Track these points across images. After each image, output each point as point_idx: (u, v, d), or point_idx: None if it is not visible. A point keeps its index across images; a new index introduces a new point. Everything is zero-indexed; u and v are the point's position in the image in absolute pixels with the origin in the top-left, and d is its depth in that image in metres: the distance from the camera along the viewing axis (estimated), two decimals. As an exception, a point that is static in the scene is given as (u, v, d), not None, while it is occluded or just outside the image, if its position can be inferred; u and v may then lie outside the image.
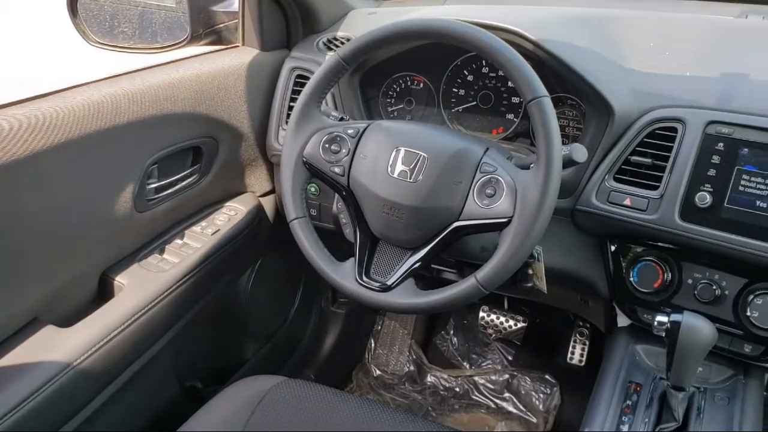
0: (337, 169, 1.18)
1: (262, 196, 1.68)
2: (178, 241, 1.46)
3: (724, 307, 1.17)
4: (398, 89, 1.53)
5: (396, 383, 2.21)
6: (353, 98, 1.47)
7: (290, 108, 1.51)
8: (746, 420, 1.11)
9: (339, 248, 1.25)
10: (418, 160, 1.10)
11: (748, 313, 1.14)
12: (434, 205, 1.09)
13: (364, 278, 1.14)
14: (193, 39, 1.53)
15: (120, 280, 1.33)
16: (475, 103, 1.46)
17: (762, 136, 1.09)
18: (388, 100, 1.54)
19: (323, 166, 1.19)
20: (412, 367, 2.24)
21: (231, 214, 1.55)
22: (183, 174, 1.44)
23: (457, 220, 1.09)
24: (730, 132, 1.11)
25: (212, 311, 1.58)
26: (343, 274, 1.16)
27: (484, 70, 1.43)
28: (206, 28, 1.56)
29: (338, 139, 1.18)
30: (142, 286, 1.32)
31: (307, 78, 1.20)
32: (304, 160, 1.20)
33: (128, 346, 1.27)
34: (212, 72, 1.43)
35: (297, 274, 2.00)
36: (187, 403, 1.56)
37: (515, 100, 1.41)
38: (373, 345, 2.30)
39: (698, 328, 0.99)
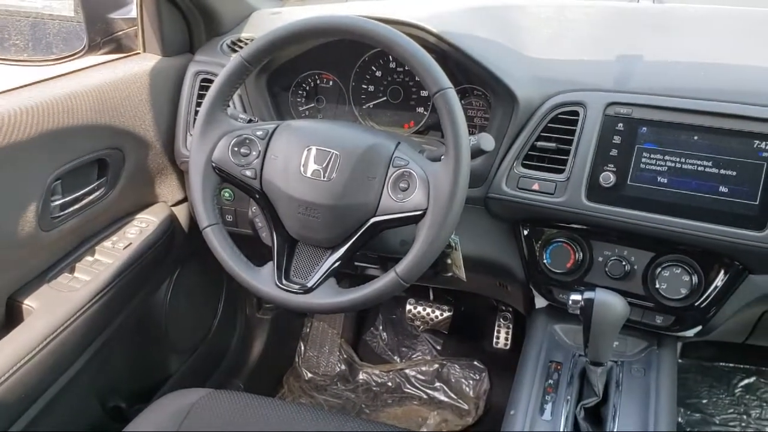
0: (248, 173, 1.16)
1: (174, 205, 1.63)
2: (89, 258, 1.40)
3: (634, 281, 1.22)
4: (307, 88, 1.52)
5: (328, 384, 2.20)
6: (261, 99, 1.44)
7: (197, 113, 1.47)
8: (662, 389, 1.16)
9: (260, 253, 1.24)
10: (330, 158, 1.10)
11: (657, 286, 1.19)
12: (350, 202, 1.09)
13: (284, 281, 1.13)
14: (92, 48, 1.48)
15: (29, 303, 1.26)
16: (385, 98, 1.46)
17: (659, 115, 1.14)
18: (298, 99, 1.53)
19: (233, 170, 1.16)
20: (343, 367, 2.23)
21: (143, 227, 1.50)
22: (89, 188, 1.38)
23: (374, 215, 1.09)
24: (628, 112, 1.16)
25: (131, 327, 1.53)
26: (262, 279, 1.14)
27: (392, 65, 1.44)
28: (104, 37, 1.51)
29: (247, 141, 1.16)
30: (53, 307, 1.26)
31: (213, 82, 1.17)
32: (214, 165, 1.18)
33: (43, 371, 1.21)
34: (113, 81, 1.38)
35: (218, 283, 1.96)
36: (112, 424, 1.51)
37: (424, 93, 1.43)
38: (302, 348, 2.28)
39: (610, 303, 1.02)
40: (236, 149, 1.16)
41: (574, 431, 1.08)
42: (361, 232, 1.10)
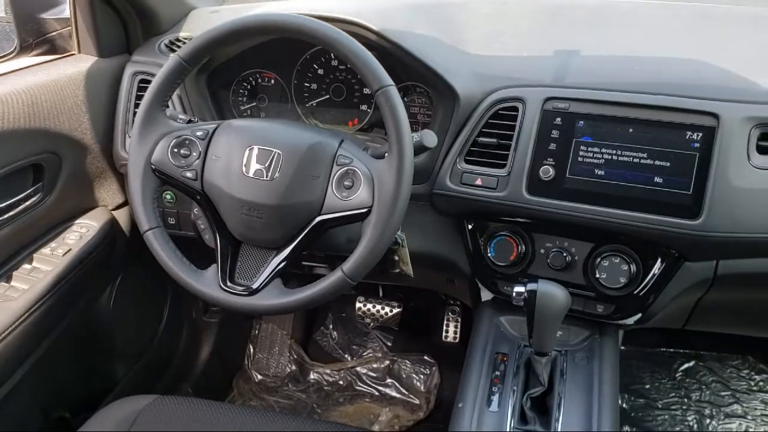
0: (188, 174, 1.14)
1: (115, 209, 1.59)
2: (27, 266, 1.36)
3: (575, 272, 1.24)
4: (249, 87, 1.50)
5: (279, 385, 2.19)
6: (201, 99, 1.42)
7: (135, 114, 1.44)
8: (605, 376, 1.19)
9: (204, 255, 1.22)
10: (273, 157, 1.09)
11: (597, 275, 1.21)
12: (294, 201, 1.08)
13: (228, 284, 1.12)
14: (23, 50, 1.44)
15: None
16: (328, 96, 1.46)
17: (595, 108, 1.17)
18: (239, 98, 1.51)
19: (173, 171, 1.14)
20: (294, 367, 2.22)
21: (83, 232, 1.46)
22: (24, 194, 1.34)
23: (319, 214, 1.09)
24: (566, 107, 1.18)
25: (73, 335, 1.49)
26: (206, 282, 1.13)
27: (334, 63, 1.43)
28: (37, 37, 1.46)
29: (187, 142, 1.15)
30: None
31: (151, 82, 1.15)
32: (153, 167, 1.15)
33: None
34: (46, 83, 1.34)
35: (162, 287, 1.92)
36: (57, 435, 1.47)
37: (367, 91, 1.43)
38: (252, 350, 2.26)
39: (553, 294, 1.04)
40: (176, 150, 1.15)
41: (520, 421, 1.10)
42: (306, 231, 1.10)
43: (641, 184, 1.12)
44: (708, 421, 1.91)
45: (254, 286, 1.10)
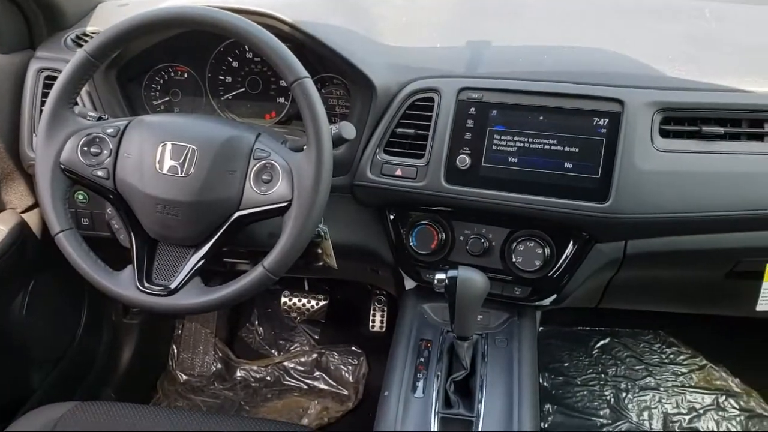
0: (100, 173, 1.11)
1: (24, 211, 1.52)
2: (-71, 274, 1.29)
3: (493, 257, 1.28)
4: (161, 81, 1.46)
5: (205, 385, 2.15)
6: (112, 95, 1.38)
7: (42, 112, 1.38)
8: (524, 356, 1.22)
9: (121, 256, 1.19)
10: (187, 153, 1.07)
11: (514, 260, 1.25)
12: (211, 197, 1.07)
13: (146, 284, 1.10)
14: None
15: None
16: (243, 89, 1.44)
17: (506, 98, 1.20)
18: (152, 93, 1.47)
19: (84, 171, 1.11)
20: (219, 366, 2.19)
21: (-10, 236, 1.40)
22: None
23: (237, 210, 1.08)
24: (479, 96, 1.21)
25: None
26: (122, 283, 1.10)
27: (249, 55, 1.42)
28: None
29: (97, 140, 1.11)
30: None
31: (57, 79, 1.11)
32: (63, 167, 1.12)
33: None
34: None
35: (78, 290, 1.85)
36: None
37: (284, 83, 1.41)
38: (175, 350, 2.21)
39: (472, 279, 1.07)
40: (86, 149, 1.11)
41: (445, 405, 1.12)
42: (224, 227, 1.09)
43: (552, 170, 1.16)
44: (624, 394, 2.00)
45: (173, 286, 1.08)
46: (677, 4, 1.43)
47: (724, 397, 1.97)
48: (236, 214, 1.08)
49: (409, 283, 1.42)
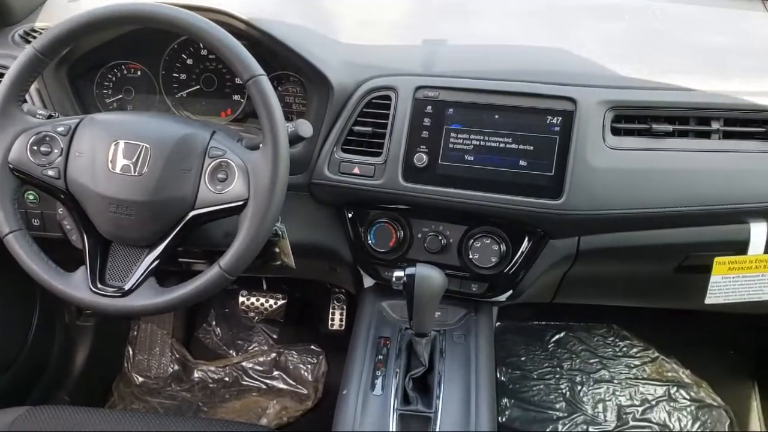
0: (50, 173, 1.08)
1: (-30, 213, 1.48)
2: None
3: (451, 254, 1.29)
4: (114, 79, 1.44)
5: (161, 386, 2.12)
6: (63, 93, 1.35)
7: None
8: (481, 352, 1.24)
9: (73, 257, 1.16)
10: (141, 151, 1.05)
11: (471, 256, 1.26)
12: (165, 197, 1.06)
13: (99, 285, 1.08)
14: None
15: None
16: (198, 86, 1.42)
17: (462, 96, 1.21)
18: (105, 91, 1.44)
19: (33, 170, 1.08)
20: (176, 367, 2.16)
21: (-67, 240, 1.35)
22: None
23: (192, 209, 1.07)
24: (435, 95, 1.21)
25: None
26: (74, 285, 1.08)
27: (203, 52, 1.40)
28: None
29: (47, 139, 1.09)
30: None
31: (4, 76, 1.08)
32: (11, 166, 1.09)
33: None
34: None
35: (30, 293, 1.81)
36: None
37: (239, 80, 1.40)
38: (131, 352, 2.18)
39: (430, 276, 1.07)
40: (35, 148, 1.09)
41: (403, 402, 1.13)
42: (179, 227, 1.08)
43: (508, 168, 1.18)
44: (579, 387, 2.04)
45: (126, 287, 1.07)
46: (626, 4, 1.46)
47: (675, 389, 2.03)
48: (191, 214, 1.07)
49: (368, 281, 1.42)
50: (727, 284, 1.28)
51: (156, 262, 1.09)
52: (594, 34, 1.37)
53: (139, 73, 1.43)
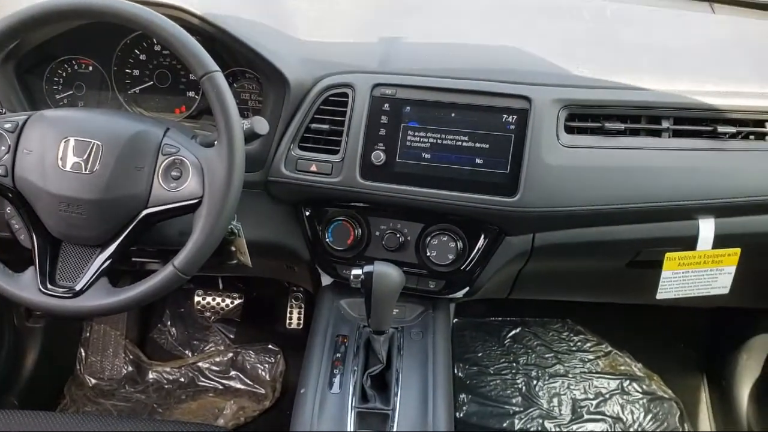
0: None
1: None
2: None
3: (408, 251, 1.29)
4: (64, 74, 1.40)
5: (115, 388, 2.09)
6: (10, 88, 1.30)
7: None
8: (438, 348, 1.25)
9: (22, 257, 1.14)
10: (92, 149, 1.03)
11: (428, 254, 1.27)
12: (117, 195, 1.04)
13: (49, 286, 1.05)
14: None
15: None
16: (152, 83, 1.39)
17: (419, 94, 1.21)
18: (54, 87, 1.40)
19: None
20: (130, 368, 2.12)
21: None
22: None
23: (145, 207, 1.06)
24: (393, 93, 1.22)
25: None
26: (23, 286, 1.06)
27: (157, 47, 1.37)
28: None
29: None
30: None
31: None
32: None
33: None
34: None
35: (-25, 294, 1.75)
36: None
37: (194, 76, 1.38)
38: (83, 354, 2.14)
39: (388, 274, 1.08)
40: None
41: (361, 400, 1.13)
42: (132, 226, 1.06)
43: (464, 166, 1.19)
44: (535, 382, 2.08)
45: (78, 288, 1.05)
46: (580, 4, 1.49)
47: (628, 382, 2.07)
48: (144, 212, 1.05)
49: (326, 279, 1.41)
50: (678, 279, 1.32)
51: (108, 262, 1.07)
52: (550, 33, 1.39)
53: (90, 68, 1.40)
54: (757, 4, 1.59)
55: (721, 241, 1.28)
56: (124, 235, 1.06)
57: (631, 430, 2.01)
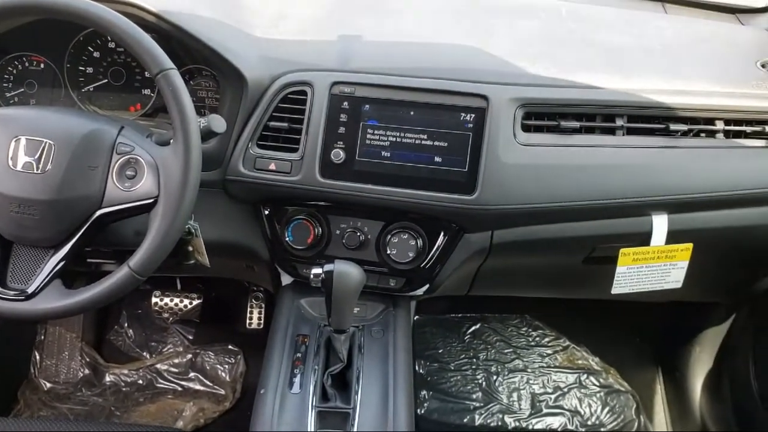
0: None
1: None
2: None
3: (369, 250, 1.29)
4: (15, 71, 1.37)
5: (71, 392, 2.04)
6: (-43, 86, 1.27)
7: None
8: (399, 345, 1.25)
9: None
10: (44, 148, 1.01)
11: (388, 252, 1.27)
12: (70, 195, 1.02)
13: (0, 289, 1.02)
14: None
15: None
16: (106, 80, 1.37)
17: (378, 92, 1.21)
18: (4, 84, 1.37)
19: None
20: (87, 371, 2.08)
21: None
22: None
23: (99, 207, 1.04)
24: (352, 91, 1.21)
25: None
26: None
27: (111, 45, 1.35)
28: None
29: None
30: None
31: None
32: None
33: None
34: None
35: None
36: None
37: (149, 74, 1.36)
38: (38, 357, 2.08)
39: (348, 273, 1.08)
40: None
41: (322, 399, 1.13)
42: (86, 226, 1.04)
43: (423, 164, 1.20)
44: (495, 377, 2.10)
45: (30, 290, 1.02)
46: (540, 5, 1.51)
47: (585, 375, 2.11)
48: (98, 213, 1.04)
49: (286, 279, 1.41)
50: (632, 274, 1.34)
51: (62, 264, 1.05)
52: (508, 33, 1.41)
53: (42, 65, 1.36)
54: (707, 5, 1.64)
55: (674, 236, 1.31)
56: (77, 236, 1.04)
57: (589, 423, 2.04)
